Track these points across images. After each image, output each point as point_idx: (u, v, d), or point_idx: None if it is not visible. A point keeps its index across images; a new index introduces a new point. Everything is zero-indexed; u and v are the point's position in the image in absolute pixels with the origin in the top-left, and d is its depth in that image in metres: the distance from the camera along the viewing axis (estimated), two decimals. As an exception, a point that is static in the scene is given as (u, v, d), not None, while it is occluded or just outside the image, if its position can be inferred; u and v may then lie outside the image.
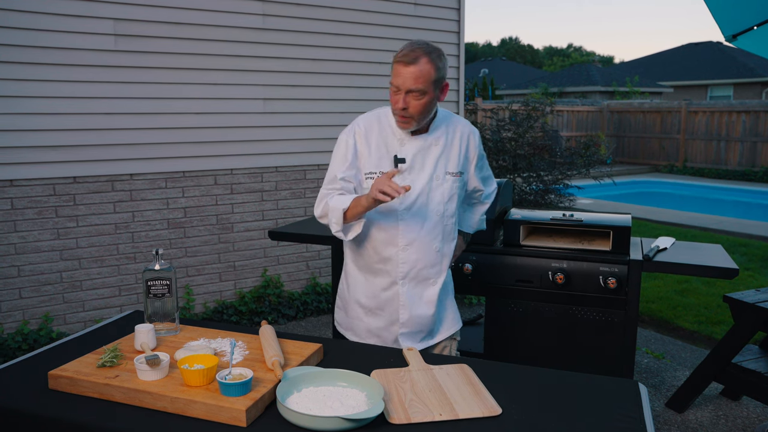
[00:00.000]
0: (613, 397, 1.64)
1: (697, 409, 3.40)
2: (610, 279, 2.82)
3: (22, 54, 3.80)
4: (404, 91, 1.97)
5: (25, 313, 3.99)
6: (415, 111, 2.00)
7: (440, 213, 2.14)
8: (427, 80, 1.97)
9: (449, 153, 2.15)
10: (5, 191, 3.86)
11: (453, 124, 2.20)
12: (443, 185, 2.13)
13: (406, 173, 2.09)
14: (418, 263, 2.13)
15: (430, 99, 2.00)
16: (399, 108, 2.00)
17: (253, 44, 4.59)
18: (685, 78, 25.82)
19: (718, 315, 4.80)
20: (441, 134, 2.15)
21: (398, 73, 1.98)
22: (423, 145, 2.11)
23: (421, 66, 1.95)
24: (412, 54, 1.96)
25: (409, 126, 2.05)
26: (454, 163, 2.16)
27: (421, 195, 2.10)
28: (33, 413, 1.56)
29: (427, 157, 2.11)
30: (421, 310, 2.19)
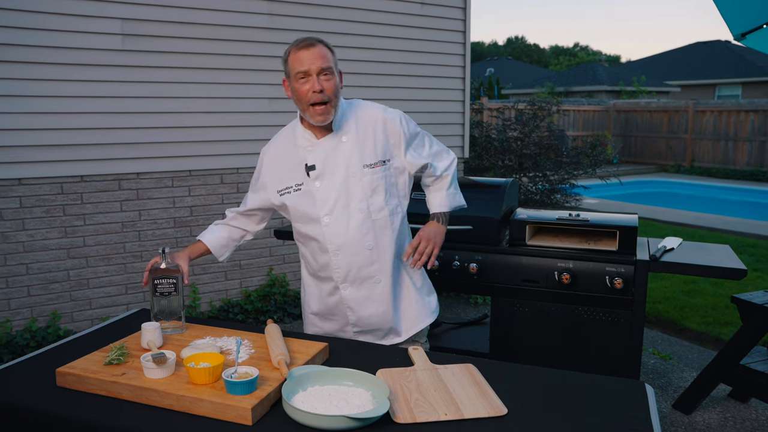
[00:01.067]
0: (619, 398, 1.64)
1: (705, 410, 3.39)
2: (616, 279, 2.81)
3: (30, 54, 3.82)
4: (314, 73, 1.95)
5: (33, 310, 4.02)
6: (331, 92, 1.97)
7: (364, 210, 2.05)
8: (331, 61, 1.99)
9: (363, 145, 2.06)
10: (14, 190, 3.88)
11: (362, 114, 2.11)
12: (362, 180, 2.04)
13: (320, 179, 2.05)
14: (352, 266, 2.08)
15: (336, 81, 2.00)
16: (315, 91, 1.95)
17: (259, 44, 4.60)
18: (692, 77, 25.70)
19: (726, 316, 4.78)
20: (349, 128, 2.07)
21: (301, 58, 1.95)
22: (331, 146, 2.06)
23: (320, 48, 1.97)
24: (307, 40, 1.98)
25: (329, 114, 1.99)
26: (372, 154, 2.06)
27: (339, 198, 2.04)
28: (40, 410, 1.57)
29: (338, 157, 2.05)
30: (370, 310, 2.13)
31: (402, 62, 5.30)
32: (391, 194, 2.10)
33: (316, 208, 2.06)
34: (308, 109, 1.99)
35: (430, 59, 5.45)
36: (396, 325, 2.18)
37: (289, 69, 2.00)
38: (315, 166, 2.05)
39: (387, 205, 2.08)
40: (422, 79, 5.44)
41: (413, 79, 5.38)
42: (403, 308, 2.19)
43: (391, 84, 5.25)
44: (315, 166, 2.05)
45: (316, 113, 1.98)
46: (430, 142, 2.24)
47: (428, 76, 5.47)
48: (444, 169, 2.23)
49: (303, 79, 1.96)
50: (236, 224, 2.30)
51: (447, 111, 5.64)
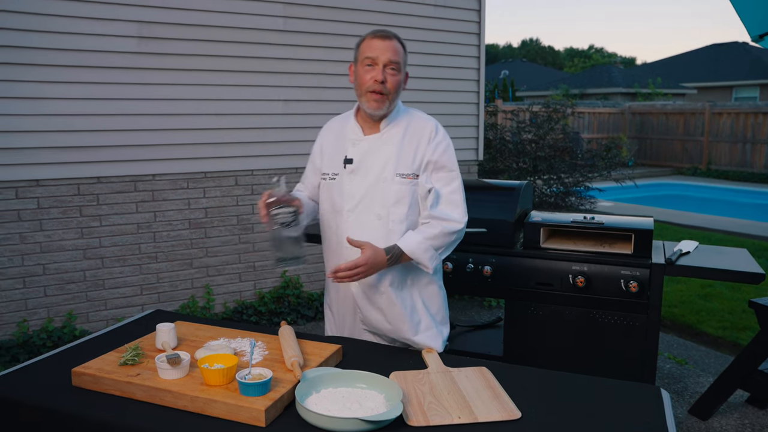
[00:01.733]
0: (634, 403, 1.62)
1: (722, 416, 3.35)
2: (631, 283, 2.79)
3: (49, 57, 3.86)
4: (382, 64, 1.97)
5: (49, 310, 4.06)
6: (392, 86, 1.99)
7: (384, 217, 2.02)
8: (401, 57, 2.02)
9: (403, 153, 2.03)
10: (31, 191, 3.93)
11: (414, 124, 2.08)
12: (390, 187, 2.01)
13: (352, 174, 2.06)
14: None
15: (401, 79, 2.03)
16: (378, 80, 1.96)
17: (274, 46, 4.62)
18: (709, 79, 25.46)
19: (744, 320, 4.72)
20: (396, 133, 2.06)
21: (374, 46, 1.98)
22: (373, 146, 2.05)
23: (395, 43, 2.01)
24: (385, 32, 2.01)
25: (383, 105, 2.00)
26: (409, 164, 2.03)
27: (365, 197, 2.04)
28: (56, 409, 1.59)
29: (377, 158, 2.04)
30: (375, 316, 2.10)
31: (416, 64, 5.29)
32: (413, 210, 2.05)
33: (342, 201, 2.07)
34: (365, 95, 2.01)
35: (444, 61, 5.44)
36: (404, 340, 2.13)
37: (359, 53, 2.04)
38: (353, 160, 2.06)
39: (407, 219, 2.04)
40: (436, 81, 5.43)
41: (427, 81, 5.38)
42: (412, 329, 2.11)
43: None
44: (352, 161, 2.06)
45: (371, 99, 1.99)
46: (454, 188, 2.07)
47: (442, 78, 5.47)
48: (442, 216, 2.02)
49: (369, 66, 1.99)
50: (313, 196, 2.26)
51: (461, 113, 5.63)
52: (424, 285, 2.16)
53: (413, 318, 2.12)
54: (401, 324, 2.10)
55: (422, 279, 2.14)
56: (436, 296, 2.20)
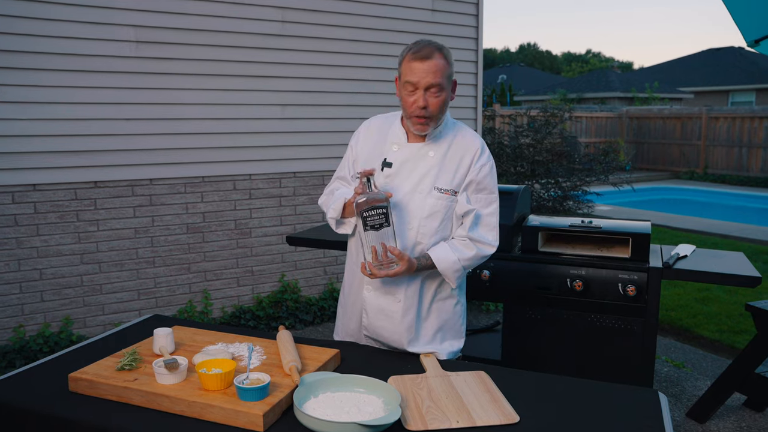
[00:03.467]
0: (632, 406, 1.62)
1: (719, 419, 3.35)
2: (629, 286, 2.79)
3: (45, 61, 3.86)
4: (422, 88, 1.89)
5: (46, 315, 4.05)
6: (435, 109, 1.92)
7: (415, 228, 1.98)
8: (444, 75, 1.92)
9: (445, 167, 1.99)
10: (28, 195, 3.92)
11: (460, 138, 2.04)
12: (426, 200, 1.98)
13: (390, 179, 2.01)
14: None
15: (446, 96, 1.95)
16: (419, 106, 1.91)
17: (271, 51, 4.62)
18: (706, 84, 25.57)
19: (740, 324, 4.73)
20: (441, 145, 2.01)
21: (413, 69, 1.89)
22: (415, 154, 2.01)
23: (437, 60, 1.90)
24: (425, 50, 1.90)
25: (428, 128, 1.96)
26: (449, 179, 1.99)
27: (398, 205, 1.98)
28: (53, 415, 1.58)
29: (417, 167, 2.00)
30: (382, 323, 2.06)
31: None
32: (445, 226, 2.02)
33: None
34: (410, 119, 1.97)
35: (441, 66, 5.45)
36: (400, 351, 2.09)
37: (401, 73, 1.96)
38: (392, 165, 2.01)
39: (437, 234, 2.01)
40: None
41: (425, 85, 5.38)
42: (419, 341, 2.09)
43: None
44: (391, 165, 2.01)
45: (416, 123, 1.96)
46: (492, 210, 2.06)
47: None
48: (479, 239, 2.01)
49: (411, 90, 1.92)
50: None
51: (459, 117, 5.61)
52: (444, 298, 2.11)
53: (420, 329, 2.08)
54: (406, 334, 2.06)
55: (443, 292, 2.10)
56: (452, 309, 2.15)
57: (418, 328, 2.08)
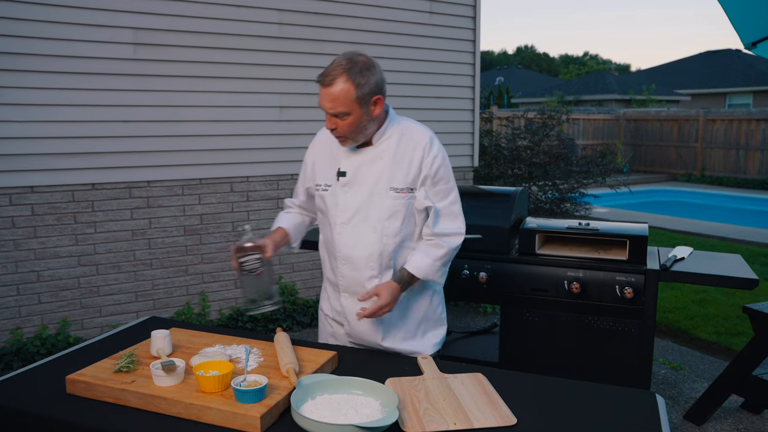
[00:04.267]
0: (629, 408, 1.63)
1: (717, 421, 3.35)
2: (626, 288, 2.80)
3: (42, 63, 3.86)
4: (330, 113, 1.90)
5: (43, 317, 4.04)
6: (345, 131, 1.92)
7: (378, 231, 2.01)
8: (347, 100, 1.86)
9: (397, 166, 2.00)
10: (26, 197, 3.92)
11: (407, 136, 2.03)
12: (384, 201, 2.00)
13: (346, 187, 2.04)
14: (354, 279, 2.06)
15: (356, 118, 1.89)
16: (328, 128, 1.94)
17: (269, 53, 4.63)
18: (703, 86, 25.63)
19: (738, 326, 4.74)
20: (389, 146, 2.02)
21: (320, 94, 1.89)
22: (366, 159, 2.02)
23: (339, 87, 1.85)
24: (330, 74, 1.86)
25: (347, 144, 1.99)
26: (402, 178, 2.00)
27: (358, 212, 2.02)
28: (50, 417, 1.58)
29: (370, 171, 2.01)
30: (363, 326, 2.09)
31: (411, 71, 5.32)
32: (408, 223, 2.04)
33: (336, 214, 2.05)
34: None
35: (439, 68, 5.47)
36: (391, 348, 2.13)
37: None
38: (346, 173, 2.04)
39: (401, 233, 2.03)
40: (431, 88, 5.45)
41: (422, 88, 5.39)
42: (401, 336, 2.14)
43: (400, 93, 5.26)
44: (346, 174, 2.04)
45: (337, 140, 2.00)
46: (452, 199, 2.08)
47: (437, 85, 5.49)
48: (445, 232, 2.05)
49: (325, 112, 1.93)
50: (305, 207, 2.28)
51: (457, 120, 5.65)
52: (419, 291, 2.15)
53: (403, 325, 2.13)
54: (392, 332, 2.11)
55: (417, 285, 2.12)
56: (429, 300, 2.20)
57: (401, 326, 2.13)
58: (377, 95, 1.92)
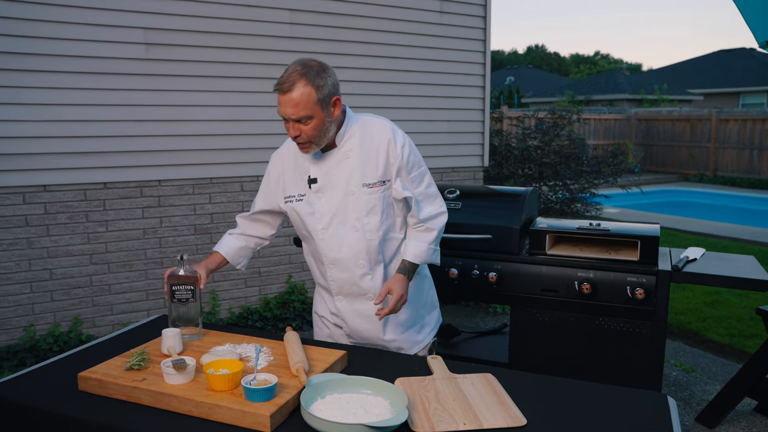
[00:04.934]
0: (640, 410, 1.61)
1: (729, 424, 3.32)
2: (637, 289, 2.78)
3: (55, 63, 3.89)
4: (290, 120, 1.89)
5: (56, 315, 4.07)
6: (309, 135, 1.90)
7: (359, 228, 2.03)
8: (309, 104, 1.85)
9: (365, 163, 2.01)
10: (39, 196, 3.95)
11: (369, 132, 2.04)
12: (359, 199, 2.01)
13: (320, 193, 2.04)
14: (345, 281, 2.09)
15: (319, 121, 1.89)
16: (292, 137, 1.93)
17: (281, 52, 4.64)
18: (716, 86, 25.41)
19: (751, 328, 4.69)
20: (353, 145, 2.02)
21: (279, 102, 1.88)
22: (334, 162, 2.03)
23: (299, 91, 1.84)
24: (288, 80, 1.85)
25: (311, 150, 1.97)
26: (372, 173, 2.01)
27: (336, 214, 2.03)
28: (62, 414, 1.59)
29: (340, 173, 2.02)
30: (362, 325, 2.14)
31: (421, 71, 5.32)
32: (387, 215, 2.06)
33: (314, 221, 2.06)
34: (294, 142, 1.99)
35: (449, 68, 5.46)
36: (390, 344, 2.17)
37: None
38: (317, 179, 2.04)
39: (382, 226, 2.06)
40: (442, 88, 5.44)
41: (433, 87, 5.39)
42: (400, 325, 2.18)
43: (410, 92, 5.26)
44: (317, 180, 2.04)
45: (300, 148, 1.97)
46: (427, 182, 2.12)
47: (448, 85, 5.48)
48: (430, 216, 2.10)
49: (284, 120, 1.91)
50: (249, 232, 2.28)
51: (467, 120, 5.64)
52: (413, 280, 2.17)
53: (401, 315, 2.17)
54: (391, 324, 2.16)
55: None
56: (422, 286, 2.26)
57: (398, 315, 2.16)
58: (335, 96, 1.93)
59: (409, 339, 2.19)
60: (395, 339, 2.17)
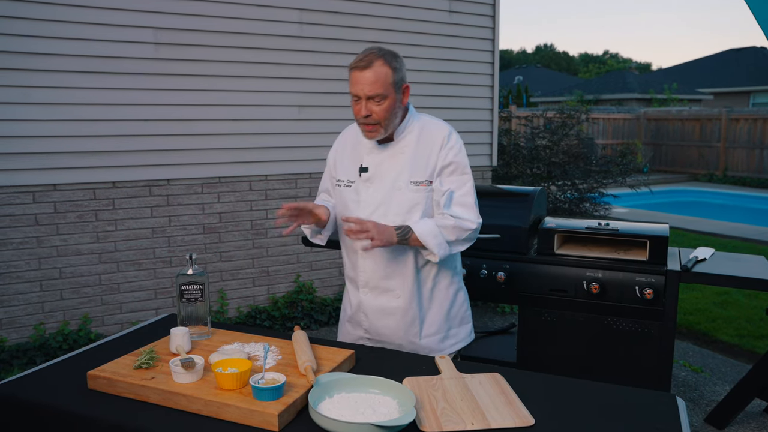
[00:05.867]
0: (649, 411, 1.61)
1: (739, 425, 3.30)
2: (646, 289, 2.77)
3: (64, 63, 3.91)
4: (364, 98, 1.93)
5: (65, 313, 4.10)
6: (380, 116, 1.95)
7: (399, 224, 2.01)
8: (385, 83, 1.93)
9: (417, 160, 2.04)
10: (49, 195, 3.98)
11: (427, 131, 2.08)
12: (405, 195, 2.03)
13: (368, 183, 2.07)
14: (374, 274, 2.09)
15: (392, 103, 1.96)
16: (362, 116, 1.96)
17: (289, 52, 4.65)
18: (726, 85, 25.24)
19: (761, 329, 4.66)
20: (410, 141, 2.06)
21: (355, 80, 1.94)
22: (387, 154, 2.07)
23: (377, 69, 1.92)
24: (366, 59, 1.93)
25: (377, 134, 1.99)
26: (422, 171, 2.03)
27: (380, 206, 2.05)
28: (71, 411, 1.60)
29: (391, 167, 2.05)
30: (383, 322, 2.12)
31: (430, 70, 5.31)
32: (428, 216, 2.05)
33: (358, 209, 2.08)
34: (360, 125, 2.03)
35: (458, 67, 5.45)
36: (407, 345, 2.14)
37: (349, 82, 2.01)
38: (368, 169, 2.07)
39: None
40: (450, 87, 5.43)
41: (441, 87, 5.38)
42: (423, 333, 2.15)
43: (419, 92, 5.25)
44: (367, 169, 2.07)
45: (365, 130, 2.01)
46: (466, 190, 2.07)
47: (456, 84, 5.47)
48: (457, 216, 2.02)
49: (355, 100, 1.97)
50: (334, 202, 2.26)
51: (475, 119, 5.63)
52: (444, 287, 2.16)
53: (424, 322, 2.14)
54: (410, 329, 2.12)
55: (442, 281, 2.14)
56: (453, 296, 2.20)
57: (422, 320, 2.13)
58: (406, 83, 2.01)
59: (427, 345, 2.15)
60: (413, 342, 2.14)
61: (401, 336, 2.13)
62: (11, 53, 3.77)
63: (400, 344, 2.15)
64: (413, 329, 2.13)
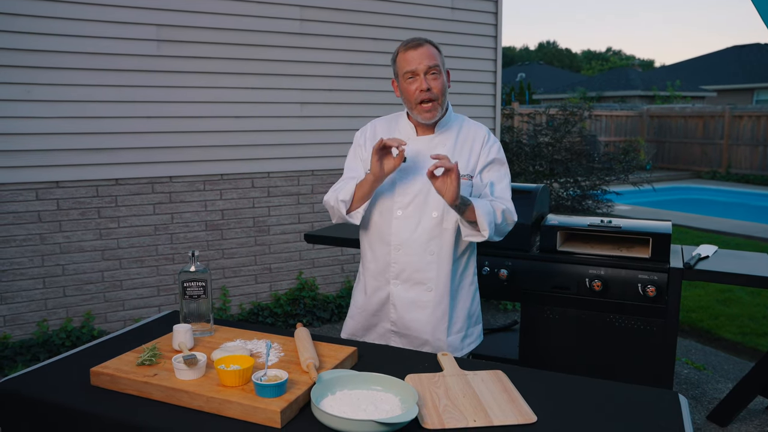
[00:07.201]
0: (651, 408, 1.61)
1: (741, 423, 3.30)
2: (649, 287, 2.76)
3: (68, 59, 3.92)
4: (422, 72, 2.00)
5: (68, 310, 4.11)
6: (438, 90, 2.01)
7: (438, 216, 2.05)
8: (439, 59, 2.03)
9: (458, 154, 2.08)
10: (51, 192, 3.98)
11: (466, 127, 2.16)
12: None
13: (405, 172, 2.08)
14: (409, 266, 2.08)
15: (444, 81, 2.05)
16: (423, 89, 1.99)
17: (291, 49, 4.64)
18: (729, 82, 25.18)
19: (764, 326, 4.66)
20: (450, 135, 2.11)
21: (410, 58, 2.01)
22: (428, 145, 2.09)
23: (428, 48, 2.03)
24: (415, 41, 2.04)
25: (435, 112, 2.04)
26: (464, 165, 2.07)
27: (418, 195, 2.06)
28: (74, 408, 1.60)
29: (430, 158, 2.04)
30: (413, 314, 2.12)
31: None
32: None
33: (394, 198, 2.08)
34: (416, 108, 2.04)
35: (460, 64, 5.44)
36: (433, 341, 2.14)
37: (398, 69, 2.07)
38: (406, 158, 2.04)
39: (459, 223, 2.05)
40: (453, 84, 5.41)
41: (443, 84, 5.37)
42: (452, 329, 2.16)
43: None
44: (406, 159, 2.04)
45: (424, 110, 2.03)
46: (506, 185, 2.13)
47: (459, 81, 5.46)
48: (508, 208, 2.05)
49: (411, 79, 2.02)
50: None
51: (477, 116, 5.61)
52: (467, 285, 2.19)
53: (453, 317, 2.15)
54: (440, 324, 2.12)
55: (466, 278, 2.18)
56: (473, 295, 2.23)
57: (451, 315, 2.15)
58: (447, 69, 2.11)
59: (452, 344, 2.15)
60: (440, 339, 2.13)
61: (429, 331, 2.12)
62: (13, 50, 3.77)
63: (427, 340, 2.13)
64: (442, 325, 2.12)
